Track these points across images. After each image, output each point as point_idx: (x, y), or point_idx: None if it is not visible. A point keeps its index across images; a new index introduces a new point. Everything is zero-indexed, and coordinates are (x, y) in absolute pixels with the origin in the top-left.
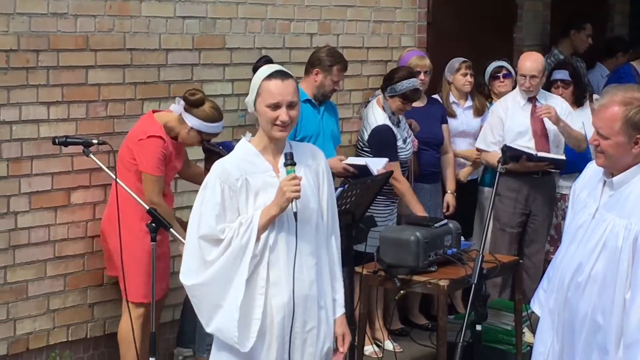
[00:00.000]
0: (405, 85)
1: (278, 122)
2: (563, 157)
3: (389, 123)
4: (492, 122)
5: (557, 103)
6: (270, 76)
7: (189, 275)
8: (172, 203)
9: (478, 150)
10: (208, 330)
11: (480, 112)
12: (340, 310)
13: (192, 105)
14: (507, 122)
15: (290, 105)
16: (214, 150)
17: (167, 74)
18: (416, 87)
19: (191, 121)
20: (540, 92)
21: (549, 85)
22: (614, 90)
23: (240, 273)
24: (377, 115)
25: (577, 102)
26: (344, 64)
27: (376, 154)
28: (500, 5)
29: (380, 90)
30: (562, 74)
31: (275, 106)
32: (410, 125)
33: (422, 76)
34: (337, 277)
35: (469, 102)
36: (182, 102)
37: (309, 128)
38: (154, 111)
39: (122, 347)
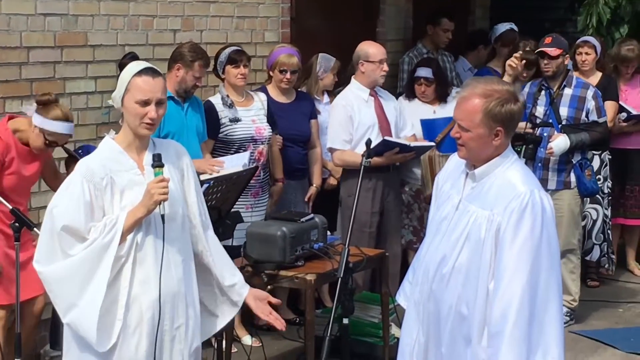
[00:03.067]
0: (227, 52)
1: (146, 119)
2: (433, 143)
3: (215, 101)
4: (341, 120)
5: (391, 100)
6: (141, 72)
7: (45, 263)
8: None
9: (331, 150)
10: (64, 321)
11: None
12: (247, 286)
13: (41, 105)
14: (356, 119)
15: (159, 103)
16: (74, 156)
17: (29, 72)
18: (237, 49)
19: (36, 120)
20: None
21: (412, 82)
22: (475, 82)
23: (101, 274)
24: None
25: (440, 98)
26: (206, 60)
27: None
28: (363, 0)
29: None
30: (425, 72)
31: (145, 103)
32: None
33: (287, 75)
34: (230, 263)
35: (327, 98)
36: (35, 105)
37: (172, 124)
38: (10, 117)
39: None
